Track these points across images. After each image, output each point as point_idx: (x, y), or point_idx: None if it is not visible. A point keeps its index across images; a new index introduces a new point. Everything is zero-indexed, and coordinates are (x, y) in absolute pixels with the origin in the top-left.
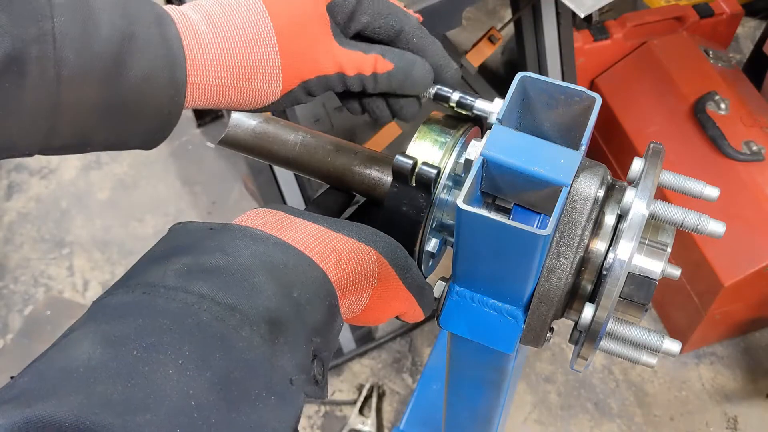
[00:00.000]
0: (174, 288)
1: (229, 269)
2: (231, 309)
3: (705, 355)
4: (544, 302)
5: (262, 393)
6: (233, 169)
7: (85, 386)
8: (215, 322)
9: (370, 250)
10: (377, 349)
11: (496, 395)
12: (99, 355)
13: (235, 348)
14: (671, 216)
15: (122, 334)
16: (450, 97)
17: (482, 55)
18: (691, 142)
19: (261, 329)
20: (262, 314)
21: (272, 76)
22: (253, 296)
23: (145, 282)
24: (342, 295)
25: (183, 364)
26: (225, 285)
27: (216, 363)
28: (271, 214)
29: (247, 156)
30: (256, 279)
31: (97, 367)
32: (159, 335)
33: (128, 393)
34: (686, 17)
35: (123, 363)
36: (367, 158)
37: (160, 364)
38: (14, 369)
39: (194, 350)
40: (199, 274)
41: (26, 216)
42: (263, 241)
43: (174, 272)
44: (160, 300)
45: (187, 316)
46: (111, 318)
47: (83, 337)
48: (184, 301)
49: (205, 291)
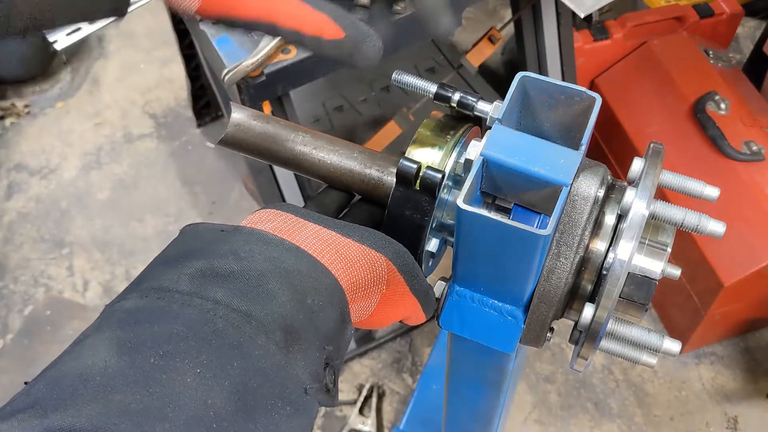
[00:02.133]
0: (188, 293)
1: (243, 275)
2: (246, 316)
3: (705, 355)
4: (544, 302)
5: (278, 402)
6: (233, 169)
7: (103, 395)
8: (231, 329)
9: (380, 256)
10: (377, 349)
11: (496, 395)
12: (115, 363)
13: (251, 356)
14: (671, 216)
15: (138, 341)
16: (451, 97)
17: (482, 55)
18: (691, 142)
19: (276, 337)
20: (277, 321)
21: None
22: (268, 303)
23: (159, 286)
24: (351, 300)
25: (201, 372)
26: (240, 291)
27: (233, 372)
28: (282, 216)
29: (247, 156)
30: (271, 285)
31: (114, 375)
32: (175, 342)
33: (146, 402)
34: (686, 17)
35: (140, 371)
36: (367, 158)
37: (177, 372)
38: (14, 369)
39: (211, 358)
40: (213, 279)
41: (26, 216)
42: (276, 246)
43: (188, 277)
44: (174, 306)
45: (202, 323)
46: (126, 324)
47: (98, 343)
48: (200, 307)
49: (220, 297)
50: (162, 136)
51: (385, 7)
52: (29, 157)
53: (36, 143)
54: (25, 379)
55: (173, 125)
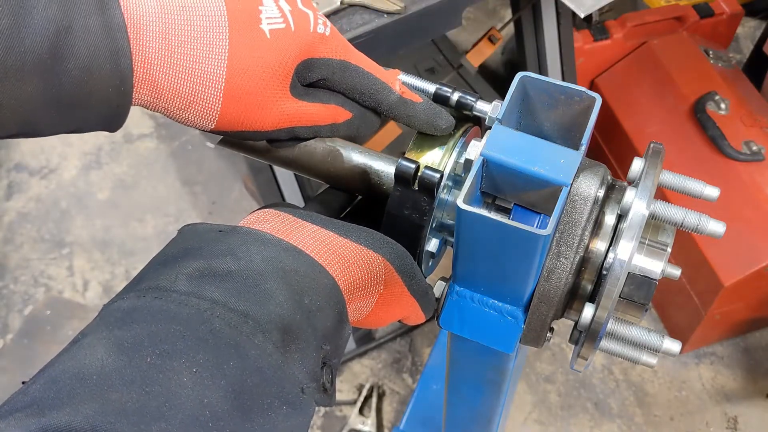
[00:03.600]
0: (186, 293)
1: (241, 274)
2: (244, 316)
3: (705, 355)
4: (544, 302)
5: (275, 402)
6: (233, 169)
7: (100, 394)
8: (228, 329)
9: (377, 257)
10: (377, 349)
11: (496, 395)
12: (112, 362)
13: (248, 356)
14: (671, 216)
15: (135, 341)
16: (450, 97)
17: (482, 55)
18: (691, 142)
19: (273, 337)
20: (274, 321)
21: (207, 116)
22: (266, 303)
23: (156, 286)
24: (349, 300)
25: (197, 371)
26: (237, 291)
27: (230, 371)
28: (279, 216)
29: (247, 156)
30: (268, 285)
31: (111, 374)
32: (172, 342)
33: (143, 401)
34: (686, 17)
35: (137, 370)
36: (367, 158)
37: (174, 371)
38: (14, 369)
39: (208, 358)
40: (211, 279)
41: (26, 216)
42: (274, 246)
43: (185, 276)
44: (172, 305)
45: (199, 323)
46: (123, 323)
47: (96, 342)
48: (197, 306)
49: (218, 297)
50: (162, 136)
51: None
52: (29, 157)
53: (36, 143)
54: (24, 378)
55: (173, 125)
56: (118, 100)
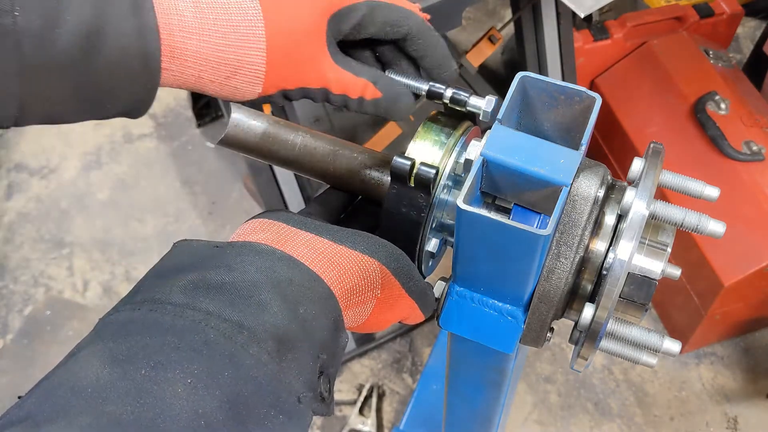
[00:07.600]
0: (180, 305)
1: (235, 285)
2: (238, 326)
3: (705, 355)
4: (544, 302)
5: (270, 412)
6: (233, 169)
7: (94, 406)
8: (223, 339)
9: (373, 261)
10: (377, 349)
11: (496, 395)
12: (107, 375)
13: (243, 366)
14: (671, 216)
15: (130, 353)
16: (443, 94)
17: (482, 55)
18: (691, 142)
19: (268, 346)
20: (269, 331)
21: (253, 81)
22: (260, 313)
23: (151, 298)
24: (345, 307)
25: (192, 382)
26: (231, 302)
27: (225, 381)
28: (274, 226)
29: (247, 156)
30: (263, 295)
31: (106, 387)
32: (167, 353)
33: (138, 413)
34: (686, 17)
35: (132, 382)
36: (367, 158)
37: (168, 382)
38: (14, 369)
39: (203, 368)
40: (205, 291)
41: (26, 216)
42: (268, 256)
43: (180, 288)
44: (167, 317)
45: (194, 334)
46: (118, 336)
47: (90, 355)
48: (191, 318)
49: (212, 308)
50: (162, 136)
51: None
52: (29, 157)
53: (36, 143)
54: (24, 379)
55: (173, 125)
56: (143, 93)
